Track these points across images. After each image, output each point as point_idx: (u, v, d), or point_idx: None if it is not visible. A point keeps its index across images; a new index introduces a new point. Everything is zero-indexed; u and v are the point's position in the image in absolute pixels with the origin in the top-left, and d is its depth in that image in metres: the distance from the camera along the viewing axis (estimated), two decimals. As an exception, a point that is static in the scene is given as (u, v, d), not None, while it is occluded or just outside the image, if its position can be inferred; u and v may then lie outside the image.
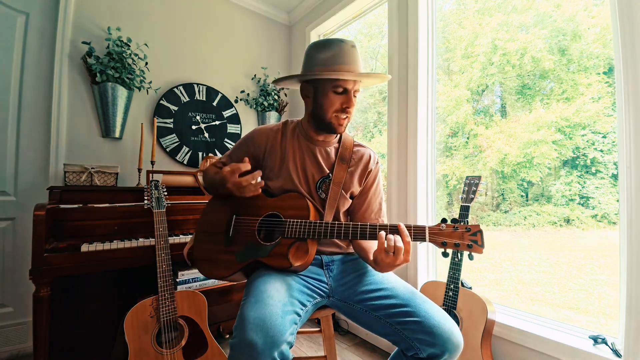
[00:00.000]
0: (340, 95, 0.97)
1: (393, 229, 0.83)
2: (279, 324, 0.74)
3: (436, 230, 0.81)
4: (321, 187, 1.05)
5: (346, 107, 0.98)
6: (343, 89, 0.96)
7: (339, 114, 0.99)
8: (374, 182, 1.11)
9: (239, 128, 2.45)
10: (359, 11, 2.27)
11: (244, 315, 0.77)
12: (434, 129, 1.78)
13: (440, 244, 0.79)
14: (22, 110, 1.75)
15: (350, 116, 1.02)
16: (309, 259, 0.94)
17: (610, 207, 1.92)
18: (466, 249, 0.77)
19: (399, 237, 0.81)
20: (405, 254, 0.80)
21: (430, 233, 0.81)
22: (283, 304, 0.81)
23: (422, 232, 0.81)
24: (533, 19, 2.21)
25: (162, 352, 1.25)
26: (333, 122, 1.00)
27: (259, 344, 0.70)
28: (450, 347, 0.80)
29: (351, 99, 0.98)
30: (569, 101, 2.00)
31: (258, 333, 0.72)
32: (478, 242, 0.76)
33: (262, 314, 0.75)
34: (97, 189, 1.58)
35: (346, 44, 0.96)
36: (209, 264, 1.04)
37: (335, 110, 0.98)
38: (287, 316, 0.79)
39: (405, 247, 0.80)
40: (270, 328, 0.73)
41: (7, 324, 1.69)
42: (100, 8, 1.93)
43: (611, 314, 1.65)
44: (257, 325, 0.73)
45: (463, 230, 0.78)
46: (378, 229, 0.85)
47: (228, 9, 2.49)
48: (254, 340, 0.71)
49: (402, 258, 0.80)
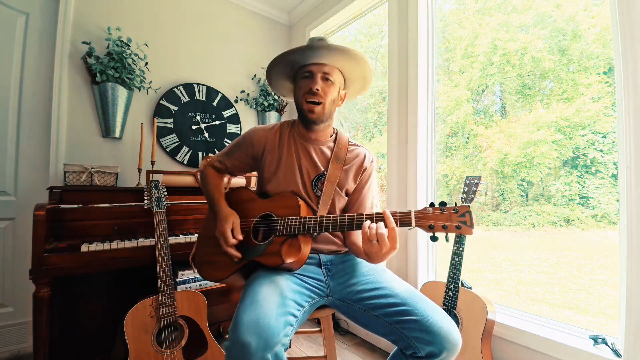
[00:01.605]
0: (307, 79, 1.01)
1: (379, 216, 0.83)
2: (272, 325, 0.75)
3: (422, 214, 0.79)
4: (317, 185, 1.06)
5: (312, 88, 0.99)
6: (308, 72, 1.00)
7: (307, 97, 1.00)
8: (368, 180, 1.12)
9: (239, 128, 2.45)
10: (359, 11, 2.27)
11: (238, 317, 0.77)
12: (434, 129, 1.78)
13: (428, 227, 0.77)
14: (22, 110, 1.75)
15: (324, 102, 1.01)
16: (302, 255, 0.94)
17: (610, 207, 1.91)
18: (454, 231, 0.75)
19: (381, 224, 0.80)
20: (391, 241, 0.78)
21: (416, 217, 0.79)
22: (277, 306, 0.81)
23: (408, 217, 0.80)
24: (533, 19, 2.21)
25: (162, 352, 1.25)
26: (304, 108, 1.02)
27: (252, 345, 0.71)
28: (448, 345, 0.80)
29: (316, 79, 0.99)
30: (569, 101, 2.00)
31: (251, 334, 0.72)
32: (467, 222, 0.74)
33: (256, 316, 0.76)
34: (97, 189, 1.58)
35: (314, 38, 1.03)
36: (207, 266, 1.07)
37: (303, 94, 1.01)
38: (282, 317, 0.79)
39: (390, 234, 0.79)
40: (263, 329, 0.73)
41: (7, 324, 1.69)
42: (100, 8, 1.93)
43: (611, 314, 1.65)
44: (251, 327, 0.73)
45: (450, 212, 0.76)
46: (364, 218, 0.84)
47: (228, 9, 2.49)
48: (247, 341, 0.71)
49: (388, 245, 0.78)
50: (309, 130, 1.08)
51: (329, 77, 1.01)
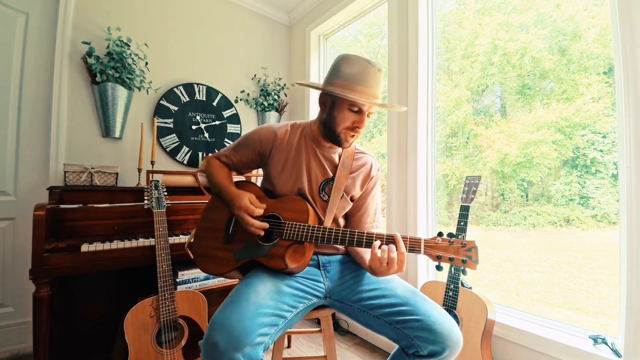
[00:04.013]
0: (354, 114, 0.98)
1: (389, 239, 0.84)
2: (245, 325, 0.75)
3: (432, 244, 0.82)
4: (324, 189, 1.06)
5: (357, 127, 0.99)
6: (358, 109, 0.97)
7: (348, 131, 1.00)
8: (373, 188, 1.13)
9: (239, 128, 2.45)
10: (359, 11, 2.27)
11: (213, 316, 0.79)
12: (434, 129, 1.78)
13: (435, 257, 0.80)
14: (22, 110, 1.75)
15: (359, 135, 1.02)
16: (305, 261, 0.95)
17: (610, 207, 1.91)
18: (460, 264, 0.78)
19: (393, 247, 0.82)
20: (399, 264, 0.81)
21: (425, 246, 0.82)
22: (257, 306, 0.81)
23: (417, 244, 0.83)
24: (533, 19, 2.21)
25: (162, 352, 1.25)
26: (341, 138, 1.01)
27: (221, 345, 0.72)
28: (450, 344, 0.81)
29: (364, 119, 0.98)
30: (569, 101, 2.00)
31: (222, 334, 0.73)
32: (472, 257, 0.78)
33: (230, 316, 0.77)
34: (97, 189, 1.58)
35: (373, 67, 0.95)
36: (206, 259, 1.05)
37: (346, 127, 0.99)
38: (260, 318, 0.79)
39: (399, 258, 0.81)
40: (235, 329, 0.74)
41: (7, 324, 1.69)
42: (100, 8, 1.93)
43: (611, 314, 1.65)
44: (222, 326, 0.75)
45: (458, 246, 0.80)
46: (374, 238, 0.86)
47: (228, 9, 2.49)
48: (216, 341, 0.72)
49: (395, 268, 0.81)
50: (326, 141, 1.07)
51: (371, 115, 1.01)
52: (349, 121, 0.98)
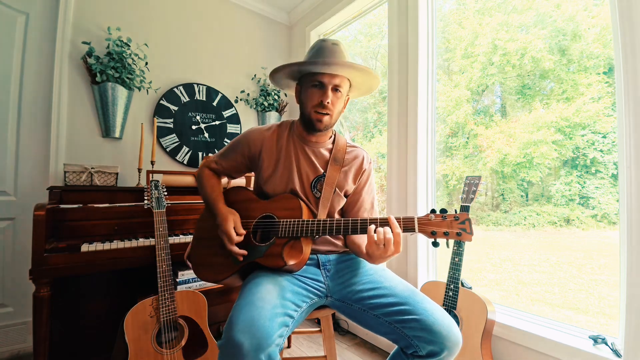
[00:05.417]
0: (317, 90, 0.99)
1: (383, 221, 0.85)
2: (267, 326, 0.75)
3: (425, 220, 0.83)
4: (316, 186, 1.06)
5: (323, 101, 0.98)
6: (319, 82, 0.98)
7: (317, 108, 1.00)
8: (367, 181, 1.13)
9: (239, 128, 2.45)
10: (359, 11, 2.27)
11: (233, 317, 0.78)
12: (434, 129, 1.78)
13: (430, 233, 0.81)
14: (22, 110, 1.75)
15: (332, 114, 1.01)
16: (303, 257, 0.95)
17: (610, 207, 1.91)
18: (455, 237, 0.79)
19: (388, 229, 0.83)
20: (395, 245, 0.82)
21: (419, 223, 0.83)
22: (273, 306, 0.81)
23: (411, 223, 0.83)
24: (533, 19, 2.21)
25: (162, 352, 1.25)
26: (312, 118, 1.01)
27: (246, 346, 0.71)
28: (449, 344, 0.80)
29: (327, 92, 0.98)
30: (569, 101, 2.00)
31: (245, 335, 0.72)
32: (467, 229, 0.78)
33: (251, 316, 0.76)
34: (97, 189, 1.58)
35: (326, 42, 1.00)
36: (205, 268, 1.06)
37: (313, 105, 1.00)
38: (277, 319, 0.79)
39: (395, 239, 0.82)
40: (257, 330, 0.73)
41: (7, 324, 1.69)
42: (100, 8, 1.93)
43: (611, 314, 1.65)
44: (245, 327, 0.74)
45: (451, 219, 0.80)
46: (368, 222, 0.87)
47: (228, 9, 2.49)
48: (241, 341, 0.72)
49: (392, 249, 0.82)
50: (310, 134, 1.08)
51: (339, 89, 1.01)
52: (315, 99, 0.99)
